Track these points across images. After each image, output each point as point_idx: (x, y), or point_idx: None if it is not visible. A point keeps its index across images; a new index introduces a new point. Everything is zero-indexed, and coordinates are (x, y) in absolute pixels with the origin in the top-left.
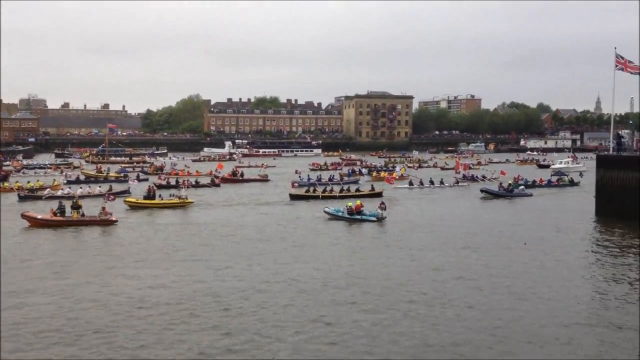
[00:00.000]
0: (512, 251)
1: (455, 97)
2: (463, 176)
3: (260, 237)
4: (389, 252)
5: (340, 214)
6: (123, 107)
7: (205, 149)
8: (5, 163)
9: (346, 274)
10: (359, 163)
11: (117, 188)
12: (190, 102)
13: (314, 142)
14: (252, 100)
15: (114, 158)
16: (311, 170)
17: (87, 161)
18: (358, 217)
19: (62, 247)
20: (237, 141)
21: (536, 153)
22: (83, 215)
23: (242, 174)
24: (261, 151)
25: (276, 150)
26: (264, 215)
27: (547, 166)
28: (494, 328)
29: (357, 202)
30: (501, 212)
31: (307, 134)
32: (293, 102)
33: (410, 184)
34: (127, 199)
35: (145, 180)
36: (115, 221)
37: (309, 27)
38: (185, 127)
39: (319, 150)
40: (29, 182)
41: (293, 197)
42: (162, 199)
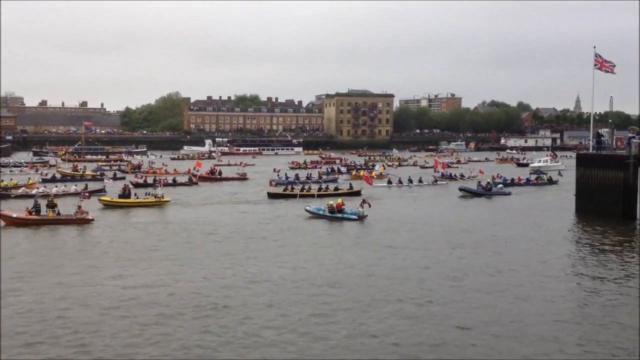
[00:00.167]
0: (494, 250)
1: (435, 96)
2: (442, 175)
3: (241, 236)
4: (371, 251)
5: (321, 213)
6: (101, 105)
7: (185, 147)
8: None
9: (328, 272)
10: (339, 161)
11: (93, 187)
12: (169, 100)
13: (295, 141)
14: (232, 98)
15: (91, 156)
16: (290, 168)
17: (64, 159)
18: (339, 216)
19: (40, 247)
20: (218, 139)
21: (515, 152)
22: (59, 214)
23: (220, 173)
24: (242, 149)
25: (257, 148)
26: (244, 214)
27: (526, 165)
28: (477, 326)
29: (339, 201)
30: (481, 211)
31: (288, 132)
32: (273, 100)
33: (389, 183)
34: (102, 198)
35: (122, 178)
36: (91, 220)
37: (290, 25)
38: (164, 125)
39: (300, 148)
40: (2, 181)
41: (271, 196)
42: (138, 198)
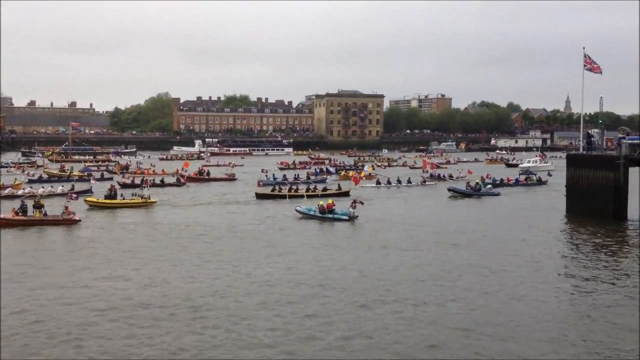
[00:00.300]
0: (485, 250)
1: (425, 96)
2: (430, 175)
3: (231, 237)
4: (363, 251)
5: (312, 213)
6: (90, 105)
7: (175, 148)
8: None
9: (321, 273)
10: (327, 162)
11: (80, 187)
12: (159, 101)
13: (285, 141)
14: (222, 98)
15: (78, 157)
16: (279, 169)
17: (51, 160)
18: (330, 216)
19: (28, 248)
20: (208, 140)
21: (505, 152)
22: (45, 214)
23: (209, 173)
24: (232, 150)
25: (247, 149)
26: (233, 214)
27: (515, 165)
28: (471, 326)
29: (329, 201)
30: (471, 211)
31: (278, 133)
32: (263, 101)
33: (377, 183)
34: (87, 199)
35: (109, 179)
36: (78, 221)
37: (280, 26)
38: (154, 126)
39: (290, 149)
40: None
41: (259, 196)
42: (124, 199)
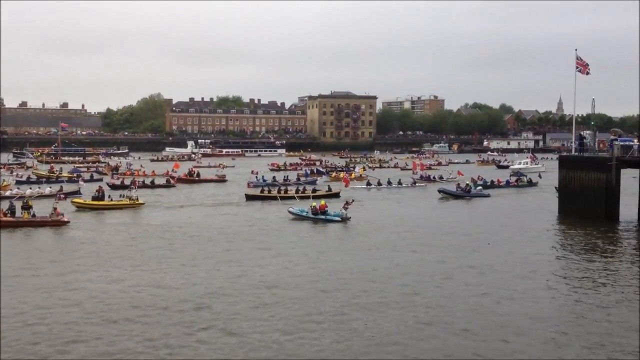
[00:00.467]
0: (478, 251)
1: (418, 98)
2: (420, 176)
3: (223, 238)
4: (356, 253)
5: (304, 214)
6: (82, 106)
7: (167, 149)
8: None
9: (314, 274)
10: (319, 163)
11: (69, 188)
12: (151, 102)
13: (278, 142)
14: (215, 99)
15: (68, 158)
16: (270, 170)
17: (40, 161)
18: (322, 217)
19: (18, 249)
20: (200, 141)
21: (496, 153)
22: (34, 215)
23: (199, 174)
24: (224, 151)
25: (239, 150)
26: (225, 215)
27: (507, 167)
28: (465, 327)
29: (322, 202)
30: (463, 213)
31: (271, 134)
32: (256, 102)
33: (368, 184)
34: (74, 200)
35: (99, 180)
36: (67, 222)
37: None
38: (146, 127)
39: (283, 150)
40: None
41: (249, 198)
42: (112, 200)
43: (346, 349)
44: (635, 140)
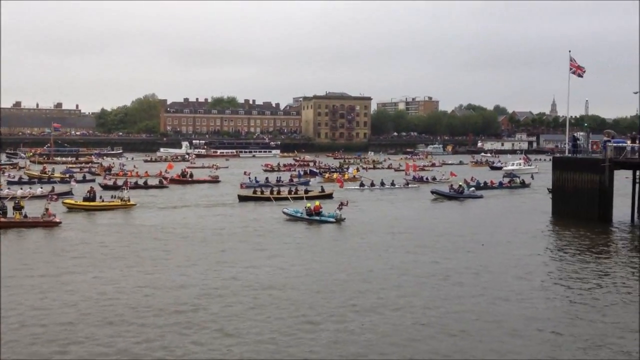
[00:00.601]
0: (473, 252)
1: (413, 99)
2: (413, 178)
3: (218, 239)
4: (350, 254)
5: (299, 215)
6: (76, 107)
7: (161, 149)
8: None
9: (309, 275)
10: (312, 164)
11: (61, 189)
12: (146, 102)
13: (273, 143)
14: (209, 100)
15: (61, 158)
16: (264, 171)
17: (33, 161)
18: (317, 218)
19: (11, 250)
20: (195, 141)
21: (489, 155)
22: (26, 216)
23: (192, 175)
24: (219, 152)
25: (234, 151)
26: (218, 216)
27: (500, 168)
28: (460, 327)
29: (316, 203)
30: (456, 214)
31: (266, 135)
32: (251, 103)
33: (361, 185)
34: (66, 201)
35: (91, 180)
36: (59, 223)
37: (267, 28)
38: (141, 127)
39: (278, 151)
40: None
41: (242, 199)
42: (103, 201)
43: (342, 350)
44: (628, 141)
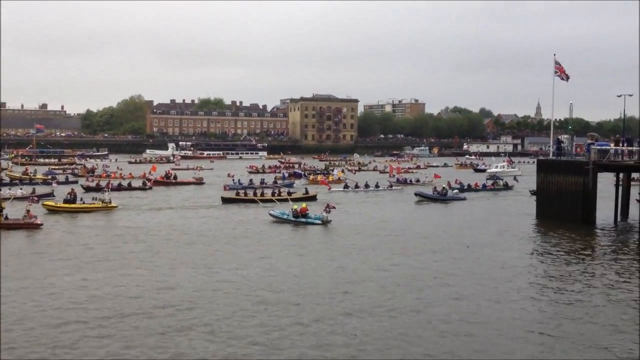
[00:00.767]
0: (458, 255)
1: (399, 101)
2: (397, 180)
3: (205, 241)
4: (337, 256)
5: (285, 217)
6: (62, 108)
7: (147, 151)
8: None
9: (295, 277)
10: (297, 166)
11: (43, 190)
12: (132, 103)
13: (260, 145)
14: (196, 101)
15: (44, 160)
16: (249, 173)
17: (15, 163)
18: (303, 220)
19: None
20: (181, 143)
21: (474, 157)
22: (6, 218)
23: (175, 177)
24: (205, 153)
25: (221, 152)
26: (202, 218)
27: (484, 170)
28: (447, 330)
29: (303, 205)
30: (441, 216)
31: (253, 137)
32: (238, 104)
33: (345, 187)
34: (45, 203)
35: (74, 182)
36: (40, 225)
37: (255, 29)
38: (127, 129)
39: (265, 152)
40: None
41: (225, 201)
42: (84, 203)
43: (329, 353)
44: (611, 144)
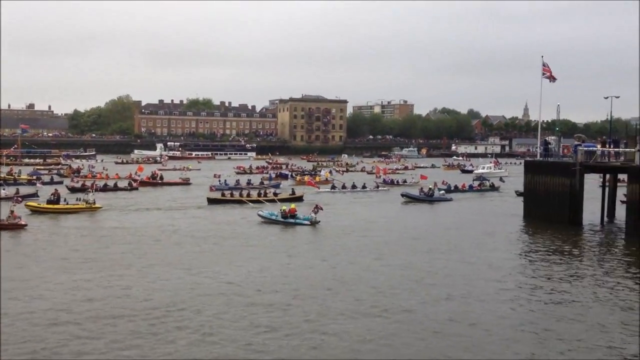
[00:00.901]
0: (445, 255)
1: (388, 102)
2: (383, 180)
3: (193, 242)
4: (326, 257)
5: (274, 218)
6: (49, 108)
7: (135, 151)
8: None
9: (284, 279)
10: (285, 167)
11: (26, 191)
12: (120, 103)
13: (248, 145)
14: (185, 102)
15: (29, 160)
16: (237, 173)
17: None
18: (292, 221)
19: None
20: (169, 143)
21: (461, 158)
22: None
23: (162, 177)
24: (194, 154)
25: (209, 153)
26: (190, 219)
27: (471, 171)
28: (437, 329)
29: (292, 206)
30: (428, 217)
31: (241, 137)
32: (227, 105)
33: (332, 188)
34: (29, 203)
35: (59, 183)
36: (24, 225)
37: (244, 30)
38: (114, 129)
39: (254, 153)
40: None
41: (211, 201)
42: (68, 204)
43: (320, 353)
44: (598, 145)
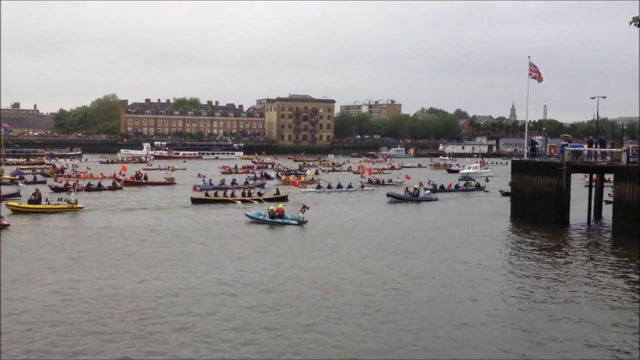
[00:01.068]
0: (434, 255)
1: (376, 102)
2: (369, 180)
3: (179, 241)
4: (314, 256)
5: (261, 218)
6: (34, 107)
7: (122, 151)
8: None
9: (271, 278)
10: (271, 167)
11: (7, 191)
12: (106, 102)
13: (236, 145)
14: (172, 101)
15: (11, 159)
16: (222, 173)
17: None
18: (279, 221)
19: None
20: (156, 143)
21: (448, 158)
22: None
23: (146, 177)
24: (181, 153)
25: (196, 152)
26: (177, 219)
27: (457, 171)
28: (419, 331)
29: (280, 206)
30: (415, 217)
31: (229, 137)
32: (214, 104)
33: (318, 188)
34: (9, 203)
35: (42, 182)
36: (7, 225)
37: (231, 29)
38: (101, 128)
39: (241, 153)
40: None
41: (195, 201)
42: (49, 203)
43: (307, 352)
44: (585, 145)
